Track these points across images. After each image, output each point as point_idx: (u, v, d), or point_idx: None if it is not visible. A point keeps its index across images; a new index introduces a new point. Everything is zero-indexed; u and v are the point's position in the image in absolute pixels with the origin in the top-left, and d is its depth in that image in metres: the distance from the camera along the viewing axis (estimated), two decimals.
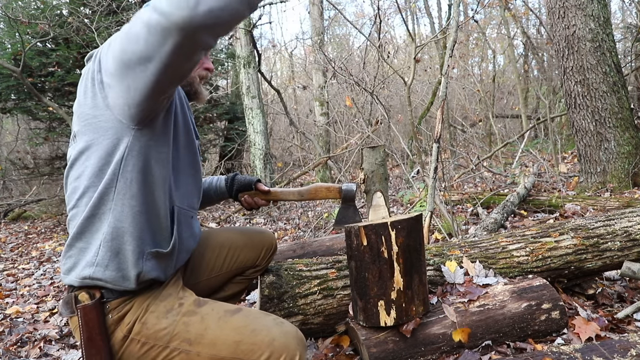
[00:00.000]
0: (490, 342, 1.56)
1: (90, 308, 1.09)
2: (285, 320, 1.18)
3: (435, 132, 2.67)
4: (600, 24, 4.32)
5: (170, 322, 1.13)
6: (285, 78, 16.30)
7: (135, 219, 1.10)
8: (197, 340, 1.11)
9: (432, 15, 12.93)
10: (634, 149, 4.30)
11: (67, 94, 7.15)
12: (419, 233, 1.49)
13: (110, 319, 1.12)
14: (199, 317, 1.15)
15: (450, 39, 2.82)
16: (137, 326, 1.12)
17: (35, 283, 3.48)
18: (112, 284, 1.10)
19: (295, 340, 1.11)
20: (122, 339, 1.12)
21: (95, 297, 1.10)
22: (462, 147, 9.02)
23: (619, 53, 7.14)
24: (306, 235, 4.01)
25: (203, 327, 1.13)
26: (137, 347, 1.12)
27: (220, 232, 1.61)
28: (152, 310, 1.15)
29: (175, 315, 1.14)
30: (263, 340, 1.09)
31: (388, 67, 5.42)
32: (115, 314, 1.12)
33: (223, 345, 1.10)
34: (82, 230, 1.10)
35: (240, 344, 1.10)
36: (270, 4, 6.39)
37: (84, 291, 1.10)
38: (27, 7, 6.88)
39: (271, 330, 1.12)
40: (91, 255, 1.09)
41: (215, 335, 1.11)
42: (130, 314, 1.13)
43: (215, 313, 1.16)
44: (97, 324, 1.10)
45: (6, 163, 9.35)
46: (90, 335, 1.09)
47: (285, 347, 1.09)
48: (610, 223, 1.99)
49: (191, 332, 1.12)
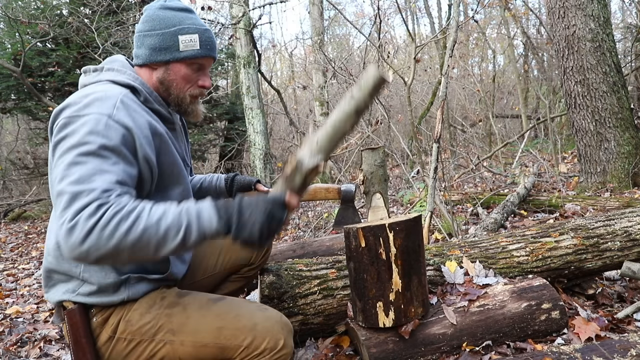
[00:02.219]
0: (490, 342, 1.56)
1: (74, 312, 1.12)
2: (270, 307, 1.18)
3: (435, 132, 2.67)
4: (600, 24, 4.31)
5: (154, 316, 1.14)
6: (285, 78, 16.31)
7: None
8: (180, 329, 1.12)
9: (432, 15, 12.94)
10: (634, 149, 4.30)
11: (67, 94, 7.13)
12: (418, 234, 1.49)
13: (95, 322, 1.14)
14: (181, 307, 1.15)
15: (450, 39, 2.82)
16: (121, 325, 1.13)
17: (35, 283, 3.48)
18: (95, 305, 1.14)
19: (279, 325, 1.12)
20: (108, 339, 1.13)
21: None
22: (462, 147, 9.01)
23: (619, 53, 7.14)
24: (306, 235, 4.01)
25: (185, 315, 1.14)
26: (123, 345, 1.13)
27: None
28: (136, 308, 1.16)
29: (158, 309, 1.15)
30: (245, 325, 1.10)
31: (388, 67, 5.42)
32: (100, 316, 1.14)
33: (205, 332, 1.11)
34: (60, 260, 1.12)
35: (222, 329, 1.10)
36: (270, 4, 6.39)
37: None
38: (27, 7, 6.88)
39: (254, 315, 1.12)
40: (73, 285, 1.13)
41: (197, 323, 1.12)
42: (114, 315, 1.14)
43: (197, 302, 1.17)
44: (81, 327, 1.12)
45: (6, 163, 9.35)
46: (76, 338, 1.12)
47: (268, 331, 1.10)
48: (610, 223, 1.99)
49: (174, 322, 1.13)
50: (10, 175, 9.18)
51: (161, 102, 1.23)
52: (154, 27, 1.19)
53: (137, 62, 1.22)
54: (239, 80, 6.23)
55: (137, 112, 1.09)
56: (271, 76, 11.62)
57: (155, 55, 1.19)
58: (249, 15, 5.94)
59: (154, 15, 1.20)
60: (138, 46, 1.21)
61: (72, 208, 0.90)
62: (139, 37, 1.21)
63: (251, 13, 6.10)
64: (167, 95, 1.24)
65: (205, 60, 1.23)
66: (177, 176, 1.22)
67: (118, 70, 1.18)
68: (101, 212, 0.90)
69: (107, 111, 1.02)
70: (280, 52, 15.08)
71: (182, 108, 1.27)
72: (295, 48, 22.43)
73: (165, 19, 1.19)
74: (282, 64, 17.03)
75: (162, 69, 1.21)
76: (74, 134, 0.99)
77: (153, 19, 1.19)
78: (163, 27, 1.18)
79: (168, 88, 1.22)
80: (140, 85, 1.17)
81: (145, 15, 1.22)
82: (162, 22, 1.18)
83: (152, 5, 1.23)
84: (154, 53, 1.19)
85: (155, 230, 0.92)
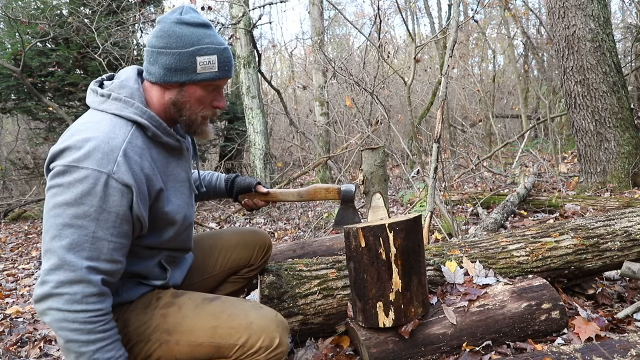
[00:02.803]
0: (490, 342, 1.56)
1: None
2: (265, 305, 1.18)
3: (435, 132, 2.67)
4: (600, 24, 4.31)
5: (150, 317, 1.14)
6: (285, 78, 16.31)
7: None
8: (175, 329, 1.12)
9: (432, 15, 12.92)
10: (634, 149, 4.30)
11: (67, 94, 7.16)
12: (418, 234, 1.49)
13: None
14: (176, 307, 1.16)
15: (450, 39, 2.82)
16: (118, 326, 1.12)
17: (35, 283, 3.48)
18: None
19: (274, 323, 1.12)
20: None
21: None
22: (462, 147, 9.01)
23: (619, 53, 7.13)
24: (306, 235, 4.01)
25: (180, 315, 1.14)
26: None
27: (212, 234, 1.61)
28: (132, 309, 1.16)
29: (153, 309, 1.16)
30: (240, 323, 1.10)
31: (388, 67, 5.42)
32: None
33: (200, 331, 1.11)
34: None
35: (217, 328, 1.10)
36: (270, 4, 6.39)
37: None
38: (27, 7, 6.88)
39: (249, 313, 1.12)
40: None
41: (192, 322, 1.12)
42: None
43: (192, 301, 1.17)
44: None
45: (6, 163, 9.35)
46: None
47: (263, 329, 1.10)
48: (610, 223, 1.99)
49: (169, 322, 1.13)
50: (10, 175, 9.18)
51: (169, 133, 1.17)
52: (170, 45, 1.09)
53: (150, 79, 1.15)
54: (239, 80, 6.22)
55: (137, 164, 1.06)
56: (271, 76, 11.63)
57: (169, 76, 1.11)
58: (249, 15, 5.94)
59: (170, 30, 1.10)
60: (151, 63, 1.13)
61: (57, 276, 0.96)
62: (152, 52, 1.12)
63: (251, 13, 6.10)
64: (179, 116, 1.18)
65: (222, 82, 1.17)
66: (173, 219, 1.19)
67: (125, 102, 1.10)
68: (76, 309, 0.97)
69: (108, 168, 0.99)
70: (280, 52, 15.09)
71: (192, 129, 1.22)
72: (295, 48, 22.45)
73: (182, 37, 1.09)
74: (282, 64, 17.04)
75: (176, 90, 1.14)
76: (71, 188, 0.98)
77: (169, 35, 1.10)
78: (180, 46, 1.09)
79: (180, 110, 1.17)
80: (148, 120, 1.11)
81: (160, 30, 1.11)
82: (179, 40, 1.09)
83: (167, 18, 1.12)
84: (169, 74, 1.11)
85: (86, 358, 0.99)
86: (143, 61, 1.19)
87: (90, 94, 1.16)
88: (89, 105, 1.15)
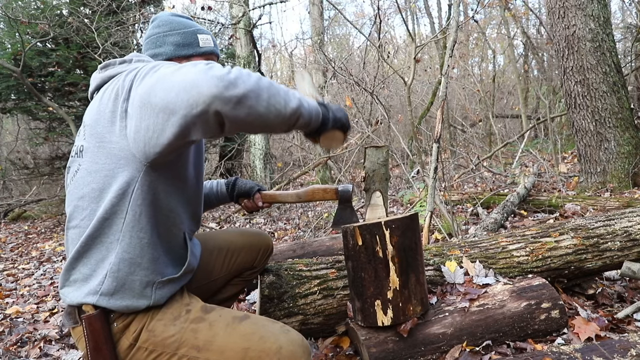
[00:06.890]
0: (490, 342, 1.56)
1: (95, 318, 1.08)
2: (291, 328, 1.18)
3: (435, 132, 2.67)
4: (600, 24, 4.31)
5: (179, 329, 1.12)
6: (285, 78, 16.30)
7: (144, 250, 1.10)
8: (206, 347, 1.10)
9: (432, 15, 12.94)
10: (634, 149, 4.30)
11: (67, 94, 7.16)
12: (415, 232, 1.49)
13: (116, 327, 1.11)
14: (207, 324, 1.14)
15: (450, 39, 2.82)
16: (144, 334, 1.11)
17: (35, 283, 3.48)
18: (116, 310, 1.10)
19: (301, 349, 1.12)
20: (129, 347, 1.11)
21: (99, 307, 1.09)
22: (462, 147, 9.01)
23: (619, 53, 7.14)
24: (306, 235, 4.01)
25: (211, 333, 1.12)
26: (144, 355, 1.11)
27: (218, 235, 1.61)
28: (159, 318, 1.14)
29: (183, 322, 1.14)
30: (271, 347, 1.09)
31: (388, 67, 5.42)
32: (120, 322, 1.11)
33: (231, 352, 1.09)
34: (86, 254, 1.09)
35: (248, 350, 1.09)
36: (270, 4, 6.39)
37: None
38: (27, 7, 6.89)
39: (279, 338, 1.11)
40: (95, 283, 1.08)
41: (223, 342, 1.11)
42: (135, 322, 1.12)
43: (223, 319, 1.15)
44: (102, 333, 1.09)
45: (6, 163, 9.35)
46: (96, 345, 1.08)
47: (292, 355, 1.09)
48: (610, 223, 1.99)
49: (199, 339, 1.12)
50: (10, 175, 9.17)
51: None
52: (174, 28, 1.32)
53: (160, 59, 1.29)
54: None
55: None
56: (271, 76, 11.63)
57: (179, 50, 1.31)
58: (249, 15, 5.94)
59: (169, 20, 1.34)
60: (158, 45, 1.31)
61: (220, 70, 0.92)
62: (158, 37, 1.32)
63: (251, 13, 6.10)
64: None
65: (215, 57, 1.39)
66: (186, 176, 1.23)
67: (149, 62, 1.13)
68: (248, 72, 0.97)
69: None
70: (280, 52, 15.09)
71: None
72: (295, 48, 22.43)
73: (181, 22, 1.34)
74: (282, 64, 17.04)
75: (185, 62, 1.21)
76: (156, 67, 1.00)
77: (170, 22, 1.33)
78: (182, 27, 1.33)
79: None
80: None
81: (160, 20, 1.34)
82: (180, 24, 1.33)
83: (163, 13, 1.37)
84: (178, 48, 1.31)
85: (284, 91, 1.02)
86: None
87: (104, 71, 1.17)
88: (107, 78, 1.15)
